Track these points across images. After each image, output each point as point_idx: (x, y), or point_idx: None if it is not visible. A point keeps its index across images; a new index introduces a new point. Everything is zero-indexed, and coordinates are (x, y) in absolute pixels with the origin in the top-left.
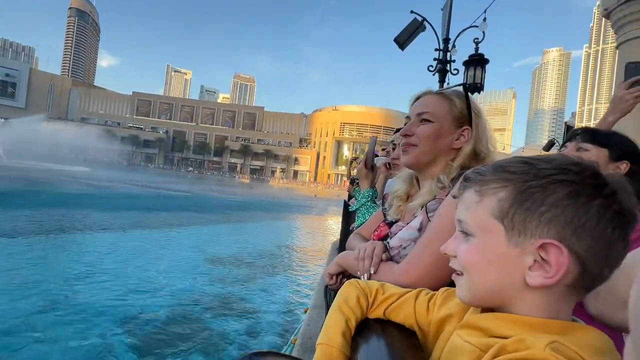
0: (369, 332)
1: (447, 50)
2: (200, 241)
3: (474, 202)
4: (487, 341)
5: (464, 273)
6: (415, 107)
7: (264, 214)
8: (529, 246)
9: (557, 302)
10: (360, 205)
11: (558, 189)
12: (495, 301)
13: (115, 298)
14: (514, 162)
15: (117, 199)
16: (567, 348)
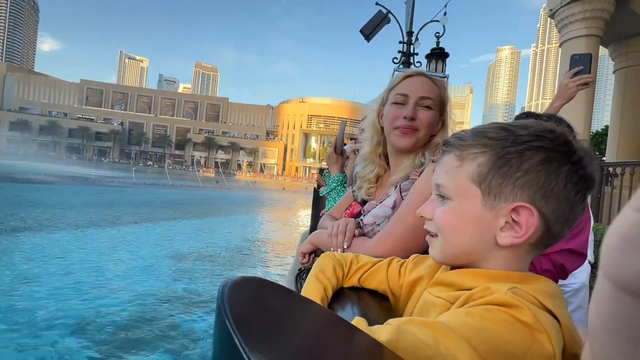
0: (344, 298)
1: (410, 43)
2: (162, 238)
3: (454, 166)
4: (455, 294)
5: (439, 234)
6: (417, 90)
7: (231, 207)
8: (503, 209)
9: (519, 258)
10: (330, 190)
11: (534, 155)
12: (466, 260)
13: (67, 302)
14: (493, 128)
15: (68, 195)
16: (525, 292)
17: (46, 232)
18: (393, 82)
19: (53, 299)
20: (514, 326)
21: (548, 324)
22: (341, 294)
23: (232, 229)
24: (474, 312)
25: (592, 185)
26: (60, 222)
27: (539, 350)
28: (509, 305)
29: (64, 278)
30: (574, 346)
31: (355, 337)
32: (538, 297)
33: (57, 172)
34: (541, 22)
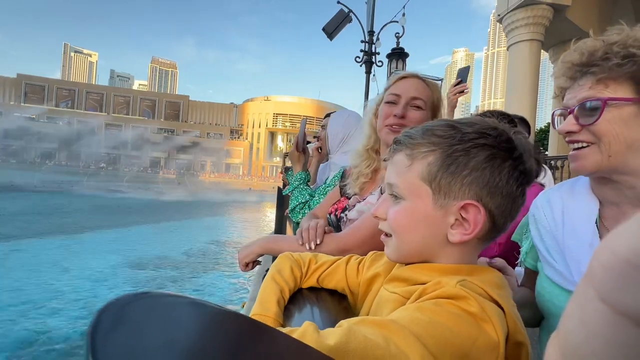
0: (302, 300)
1: (372, 43)
2: (120, 245)
3: (404, 165)
4: (410, 289)
5: (393, 234)
6: (408, 90)
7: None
8: (452, 207)
9: (468, 252)
10: (293, 189)
11: (479, 153)
12: (419, 257)
13: (8, 321)
14: (442, 126)
15: (4, 202)
16: (473, 284)
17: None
18: (388, 83)
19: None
20: (461, 318)
21: (493, 314)
22: (299, 296)
23: (195, 233)
24: (424, 306)
25: (532, 179)
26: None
27: (485, 341)
28: (457, 297)
29: (3, 294)
30: (517, 334)
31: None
32: (485, 288)
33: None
34: (491, 27)
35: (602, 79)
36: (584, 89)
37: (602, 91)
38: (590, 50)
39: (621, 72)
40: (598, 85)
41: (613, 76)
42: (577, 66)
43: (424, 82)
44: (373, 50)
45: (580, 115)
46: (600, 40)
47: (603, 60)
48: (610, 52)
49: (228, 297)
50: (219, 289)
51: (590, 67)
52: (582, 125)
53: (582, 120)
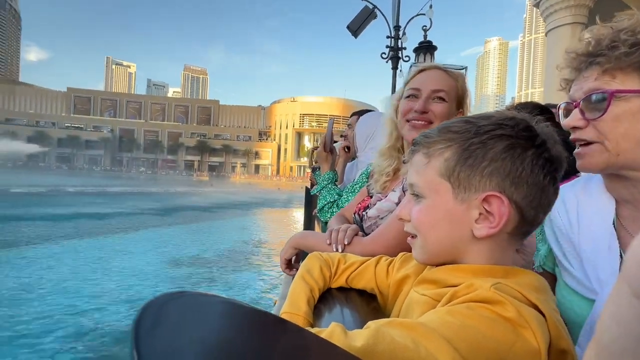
0: (332, 300)
1: (398, 38)
2: (159, 244)
3: (422, 164)
4: (440, 291)
5: (418, 234)
6: (430, 83)
7: (227, 211)
8: (474, 200)
9: (500, 249)
10: (322, 188)
11: (497, 144)
12: (447, 257)
13: (65, 314)
14: (457, 122)
15: (58, 206)
16: (509, 287)
17: (39, 245)
18: (408, 77)
19: (48, 312)
20: (496, 323)
21: (532, 319)
22: (329, 295)
23: (228, 232)
24: (456, 310)
25: (561, 166)
26: (51, 233)
27: (523, 347)
28: (491, 301)
29: (58, 290)
30: (560, 341)
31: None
32: (522, 292)
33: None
34: (527, 12)
35: (609, 70)
36: (590, 80)
37: (608, 82)
38: (596, 38)
39: (629, 62)
40: (604, 76)
41: (620, 66)
42: (582, 56)
43: (446, 72)
44: (399, 45)
45: (586, 109)
46: (608, 27)
47: (610, 49)
48: (617, 39)
49: (259, 295)
50: (250, 287)
51: (596, 57)
52: (588, 120)
53: (589, 114)
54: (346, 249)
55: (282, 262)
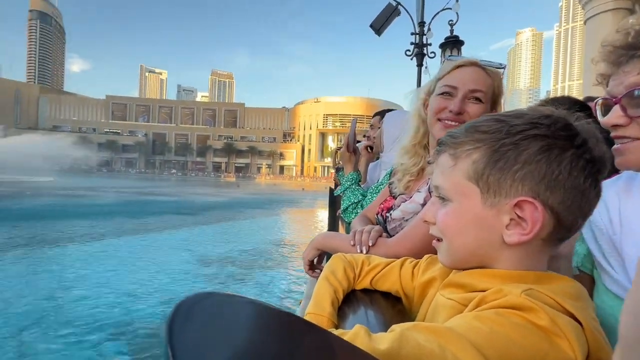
0: (356, 301)
1: (422, 34)
2: (189, 243)
3: (448, 166)
4: (467, 296)
5: (444, 238)
6: (468, 81)
7: (253, 211)
8: (505, 205)
9: (533, 255)
10: (345, 189)
11: (531, 145)
12: (475, 262)
13: (104, 307)
14: (486, 121)
15: (99, 206)
16: (542, 294)
17: (80, 243)
18: (442, 72)
19: (93, 305)
20: (528, 331)
21: (568, 328)
22: (353, 297)
23: (253, 232)
24: (484, 315)
25: (603, 168)
26: (94, 232)
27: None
28: (523, 308)
29: (98, 285)
30: (599, 352)
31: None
32: (557, 299)
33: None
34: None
35: None
36: (631, 75)
37: None
38: (636, 28)
39: None
40: None
41: None
42: (621, 49)
43: (484, 70)
44: (424, 41)
45: (628, 106)
46: None
47: None
48: None
49: (284, 294)
50: (276, 285)
51: (638, 49)
52: (631, 117)
53: (631, 111)
54: (371, 251)
55: (305, 263)
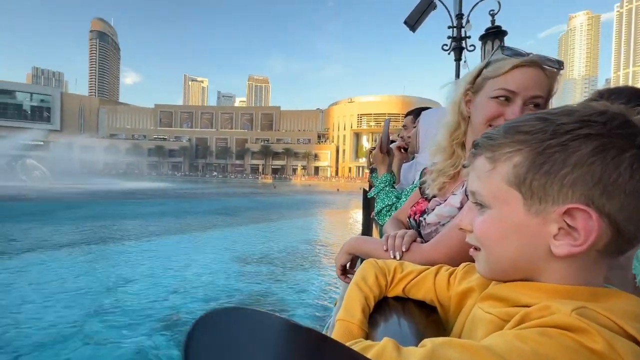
0: (388, 309)
1: (461, 27)
2: (229, 242)
3: (485, 170)
4: (509, 311)
5: (482, 248)
6: (529, 87)
7: (289, 211)
8: (552, 213)
9: (587, 268)
10: (379, 191)
11: (582, 146)
12: (517, 274)
13: (155, 301)
14: (529, 120)
15: (150, 206)
16: (597, 313)
17: (133, 241)
18: (497, 70)
19: (144, 298)
20: (578, 355)
21: (629, 355)
22: (385, 305)
23: (290, 232)
24: (526, 335)
25: None
26: (144, 231)
27: None
28: (574, 329)
29: (149, 281)
30: None
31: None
32: (616, 320)
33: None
34: None
35: None
36: None
37: None
38: None
39: None
40: None
41: None
42: None
43: (544, 71)
44: (462, 34)
45: None
46: None
47: None
48: None
49: (320, 294)
50: (312, 285)
51: None
52: None
53: None
54: (404, 256)
55: (337, 267)
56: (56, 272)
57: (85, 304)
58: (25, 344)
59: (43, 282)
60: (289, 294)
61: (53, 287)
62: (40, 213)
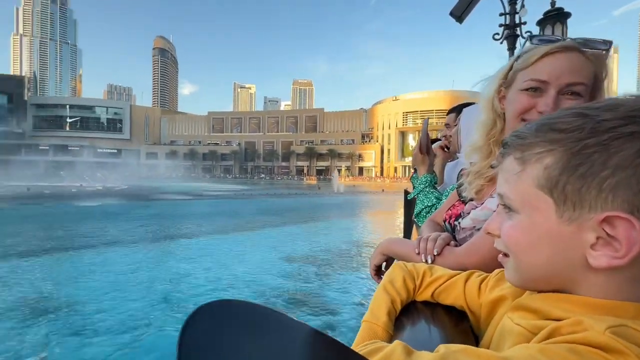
0: (415, 313)
1: (514, 13)
2: (277, 242)
3: (514, 172)
4: (539, 323)
5: (510, 255)
6: (562, 74)
7: (334, 212)
8: (588, 221)
9: (630, 282)
10: (419, 192)
11: (626, 146)
12: (550, 285)
13: (210, 295)
14: (565, 116)
15: (204, 206)
16: (637, 332)
17: (187, 238)
18: (525, 61)
19: (201, 292)
20: None
21: None
22: (413, 308)
23: (335, 233)
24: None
25: None
26: (201, 230)
27: None
28: (607, 349)
29: (204, 275)
30: None
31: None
32: None
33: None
34: None
35: None
36: None
37: None
38: None
39: None
40: None
41: None
42: None
43: (583, 54)
44: (517, 21)
45: None
46: None
47: None
48: None
49: (364, 295)
50: (356, 287)
51: None
52: None
53: None
54: (436, 260)
55: (372, 268)
56: (128, 265)
57: (152, 294)
58: (105, 326)
59: (119, 272)
60: (335, 294)
61: (127, 277)
62: (115, 214)
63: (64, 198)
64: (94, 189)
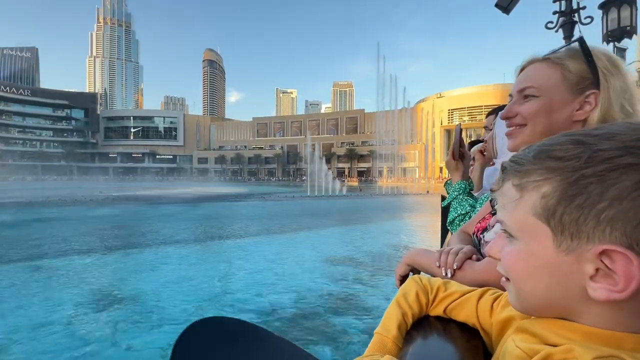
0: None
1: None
2: (318, 243)
3: (512, 199)
4: (537, 347)
5: (511, 280)
6: (516, 84)
7: (376, 214)
8: (586, 252)
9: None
10: (452, 199)
11: (623, 177)
12: (551, 312)
13: (253, 295)
14: (563, 144)
15: (251, 207)
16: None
17: (239, 238)
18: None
19: (246, 291)
20: None
21: None
22: (425, 323)
23: (376, 235)
24: None
25: None
26: (246, 232)
27: None
28: None
29: (248, 276)
30: None
31: None
32: None
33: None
34: None
35: None
36: None
37: None
38: None
39: None
40: None
41: None
42: None
43: (543, 62)
44: (574, 6)
45: None
46: None
47: None
48: None
49: None
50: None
51: None
52: None
53: None
54: (456, 274)
55: (397, 278)
56: (180, 263)
57: (202, 290)
58: (164, 317)
59: (173, 270)
60: (377, 299)
61: (179, 274)
62: (169, 214)
63: (151, 200)
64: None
